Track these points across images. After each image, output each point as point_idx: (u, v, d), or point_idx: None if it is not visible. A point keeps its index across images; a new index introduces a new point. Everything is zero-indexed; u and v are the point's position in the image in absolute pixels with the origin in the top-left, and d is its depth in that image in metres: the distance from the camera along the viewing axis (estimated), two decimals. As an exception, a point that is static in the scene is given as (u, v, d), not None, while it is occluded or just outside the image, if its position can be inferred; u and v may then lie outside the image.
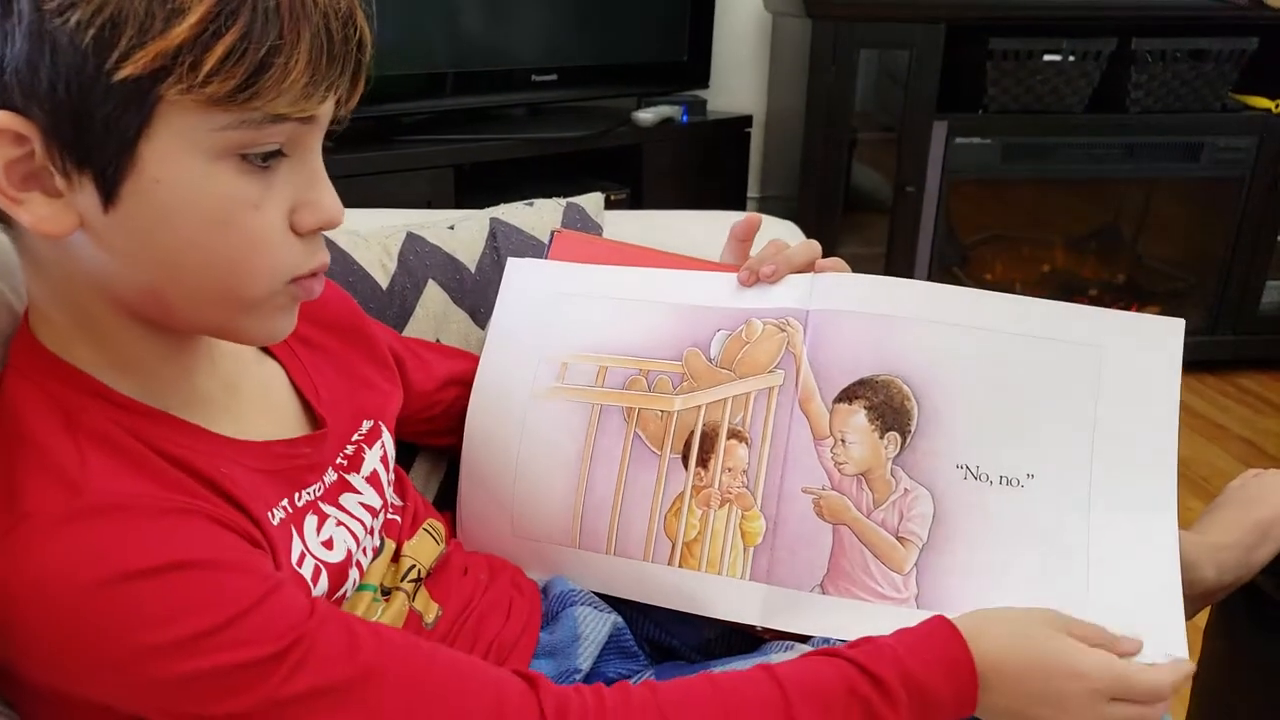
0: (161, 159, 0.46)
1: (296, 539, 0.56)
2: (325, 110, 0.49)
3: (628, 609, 0.73)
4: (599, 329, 0.77)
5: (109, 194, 0.46)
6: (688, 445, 0.73)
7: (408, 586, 0.65)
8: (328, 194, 0.51)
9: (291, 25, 0.45)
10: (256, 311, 0.52)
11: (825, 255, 0.78)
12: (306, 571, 0.56)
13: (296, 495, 0.58)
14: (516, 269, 0.83)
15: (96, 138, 0.44)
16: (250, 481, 0.54)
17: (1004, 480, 0.68)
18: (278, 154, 0.48)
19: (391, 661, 0.50)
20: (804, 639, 0.68)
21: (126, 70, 0.43)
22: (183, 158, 0.46)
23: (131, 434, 0.50)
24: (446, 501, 0.80)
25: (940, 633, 0.58)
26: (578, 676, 0.66)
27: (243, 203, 0.48)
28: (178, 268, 0.49)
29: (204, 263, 0.49)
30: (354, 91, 0.50)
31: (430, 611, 0.66)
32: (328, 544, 0.58)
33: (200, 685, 0.46)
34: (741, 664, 0.65)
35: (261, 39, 0.44)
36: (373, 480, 0.65)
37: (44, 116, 0.44)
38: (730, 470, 0.71)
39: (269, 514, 0.55)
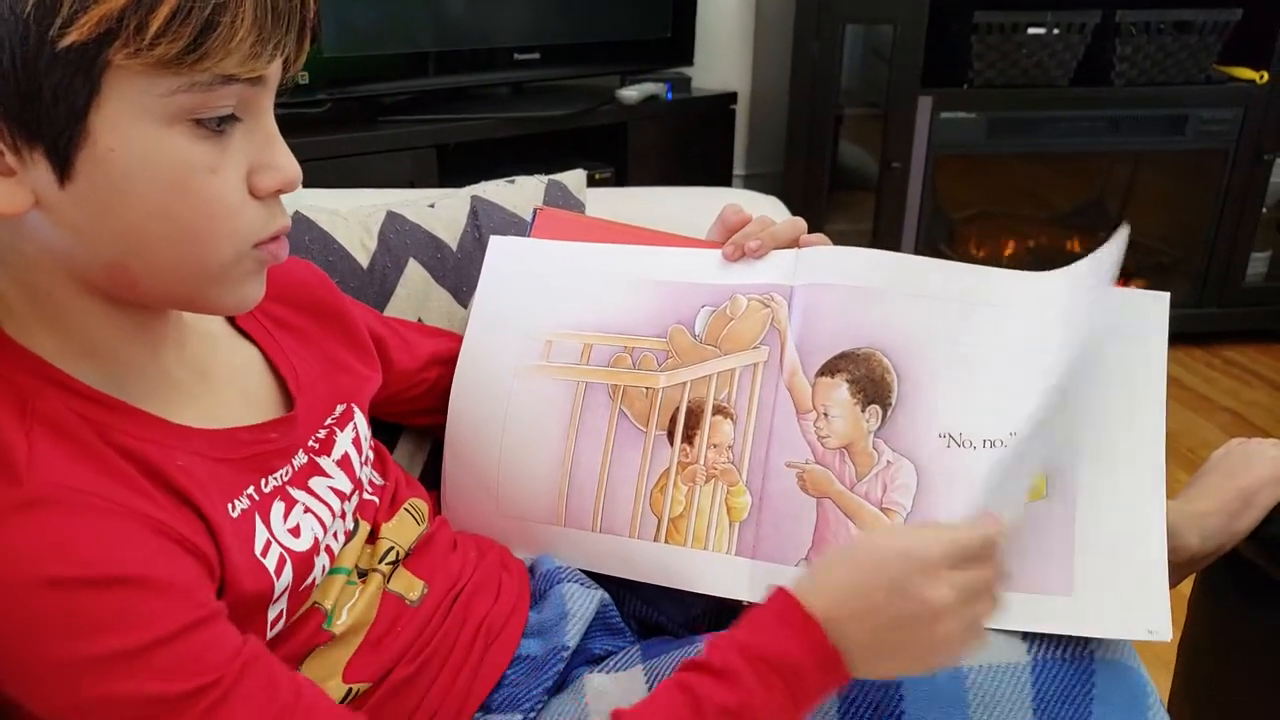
0: (113, 127, 0.45)
1: (261, 527, 0.55)
2: (274, 71, 0.49)
3: (615, 586, 0.73)
4: (583, 306, 0.77)
5: (63, 167, 0.45)
6: (673, 422, 0.72)
7: (384, 568, 0.65)
8: (284, 155, 0.51)
9: None
10: (223, 279, 0.51)
11: (811, 233, 0.77)
12: (271, 561, 0.54)
13: (262, 481, 0.57)
14: (499, 247, 0.82)
15: (45, 109, 0.44)
16: (209, 473, 0.53)
17: (987, 443, 0.67)
18: (231, 118, 0.48)
19: None
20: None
21: (71, 36, 0.42)
22: (135, 125, 0.45)
23: (86, 422, 0.49)
24: (431, 482, 0.80)
25: (770, 600, 0.55)
26: (565, 653, 0.66)
27: (199, 167, 0.47)
28: (139, 239, 0.48)
29: (165, 232, 0.48)
30: (300, 51, 0.50)
31: (414, 589, 0.65)
32: (294, 531, 0.57)
33: (114, 710, 0.45)
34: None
35: None
36: (344, 464, 0.64)
37: None
38: (715, 446, 0.71)
39: (229, 505, 0.53)
